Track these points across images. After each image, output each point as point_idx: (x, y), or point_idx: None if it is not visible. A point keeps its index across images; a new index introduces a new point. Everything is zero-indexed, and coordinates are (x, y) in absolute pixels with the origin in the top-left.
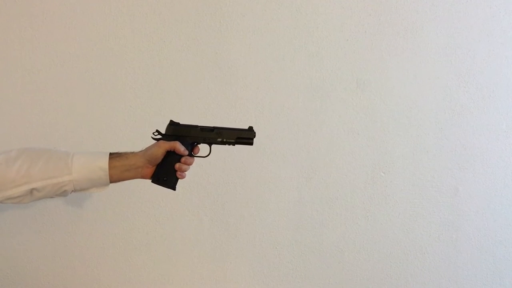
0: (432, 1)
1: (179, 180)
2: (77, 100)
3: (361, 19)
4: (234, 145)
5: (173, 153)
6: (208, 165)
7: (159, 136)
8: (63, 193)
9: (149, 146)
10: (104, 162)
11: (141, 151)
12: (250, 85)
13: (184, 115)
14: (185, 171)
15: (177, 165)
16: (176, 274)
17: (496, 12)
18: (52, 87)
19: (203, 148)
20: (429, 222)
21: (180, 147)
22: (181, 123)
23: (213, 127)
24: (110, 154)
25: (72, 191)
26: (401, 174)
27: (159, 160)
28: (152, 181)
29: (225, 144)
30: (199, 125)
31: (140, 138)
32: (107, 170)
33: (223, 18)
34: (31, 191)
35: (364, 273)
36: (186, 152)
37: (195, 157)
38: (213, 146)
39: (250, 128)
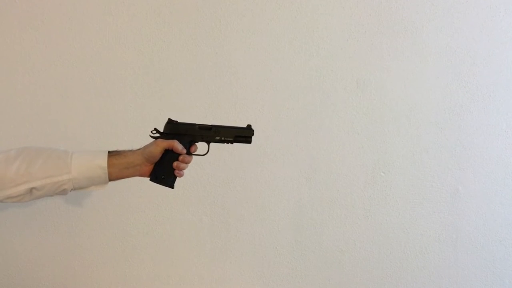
0: (432, 1)
1: (178, 179)
2: (77, 100)
3: (361, 19)
4: (232, 143)
5: (171, 152)
6: (208, 165)
7: (157, 135)
8: (63, 192)
9: (147, 145)
10: (103, 161)
11: (139, 149)
12: (250, 85)
13: (184, 115)
14: (183, 169)
15: (175, 164)
16: (176, 274)
17: (496, 12)
18: (52, 87)
19: (201, 146)
20: (429, 222)
21: (178, 146)
22: (179, 121)
23: (211, 125)
24: (109, 152)
25: (72, 189)
26: (401, 174)
27: (157, 158)
28: (150, 179)
29: (224, 142)
30: (197, 123)
31: (140, 138)
32: (106, 168)
33: (223, 18)
34: (31, 190)
35: (364, 273)
36: (184, 151)
37: (193, 156)
38: (212, 145)
39: (249, 126)
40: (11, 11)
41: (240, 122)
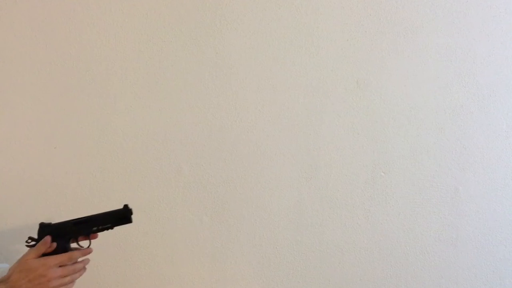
0: (432, 1)
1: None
2: (77, 100)
3: (361, 19)
4: (113, 228)
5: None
6: (208, 165)
7: (33, 243)
8: None
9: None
10: None
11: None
12: (250, 85)
13: (184, 115)
14: (80, 271)
15: (68, 274)
16: (176, 274)
17: (496, 12)
18: (52, 87)
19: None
20: (429, 222)
21: (40, 247)
22: (52, 223)
23: (87, 217)
24: None
25: None
26: (401, 174)
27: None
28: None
29: (103, 230)
30: (71, 220)
31: (140, 138)
32: None
33: (223, 18)
34: None
35: (364, 273)
36: (48, 245)
37: (84, 248)
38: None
39: (125, 207)
40: (11, 11)
41: (240, 123)
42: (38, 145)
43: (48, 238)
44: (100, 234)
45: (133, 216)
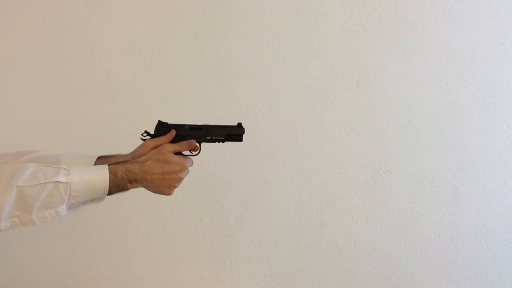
0: (432, 1)
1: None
2: (77, 100)
3: (361, 19)
4: (223, 142)
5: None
6: (208, 165)
7: (148, 137)
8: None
9: (136, 148)
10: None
11: (129, 154)
12: (250, 85)
13: (184, 115)
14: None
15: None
16: (176, 274)
17: (496, 12)
18: (52, 87)
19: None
20: (429, 222)
21: (165, 138)
22: (169, 122)
23: (202, 125)
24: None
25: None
26: (401, 174)
27: None
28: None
29: (215, 142)
30: (187, 124)
31: (139, 138)
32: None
33: (223, 18)
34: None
35: (364, 273)
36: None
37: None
38: (211, 145)
39: (239, 124)
40: (11, 11)
41: (240, 122)
42: (38, 145)
43: (194, 142)
44: (98, 232)
45: (136, 215)
